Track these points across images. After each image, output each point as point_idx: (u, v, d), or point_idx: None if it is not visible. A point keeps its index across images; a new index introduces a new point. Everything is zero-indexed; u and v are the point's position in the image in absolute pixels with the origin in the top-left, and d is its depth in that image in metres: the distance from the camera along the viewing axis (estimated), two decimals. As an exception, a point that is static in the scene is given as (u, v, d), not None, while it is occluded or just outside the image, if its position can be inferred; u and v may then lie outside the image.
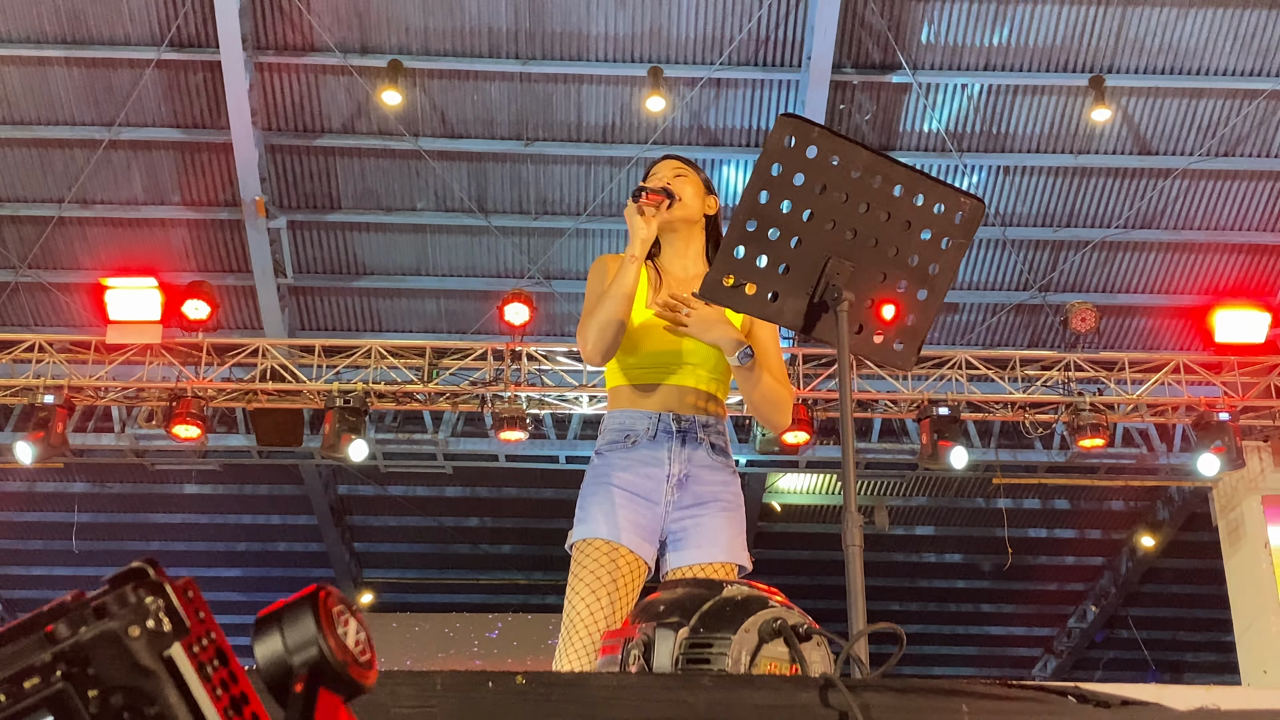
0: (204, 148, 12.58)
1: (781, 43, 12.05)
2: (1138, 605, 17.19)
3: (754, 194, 3.07)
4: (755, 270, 3.12)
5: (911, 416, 12.65)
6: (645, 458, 3.54)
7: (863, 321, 3.24)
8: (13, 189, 12.77)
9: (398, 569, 17.44)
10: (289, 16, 11.74)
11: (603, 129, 12.52)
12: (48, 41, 11.88)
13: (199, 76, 12.14)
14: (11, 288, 13.26)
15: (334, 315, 13.77)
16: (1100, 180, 12.82)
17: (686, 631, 1.94)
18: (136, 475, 14.88)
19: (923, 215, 3.20)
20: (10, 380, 12.19)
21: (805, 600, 10.57)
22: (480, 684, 1.79)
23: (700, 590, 2.04)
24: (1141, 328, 13.76)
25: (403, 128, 12.26)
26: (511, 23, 11.86)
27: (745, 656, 1.90)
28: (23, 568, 17.06)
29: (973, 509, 16.15)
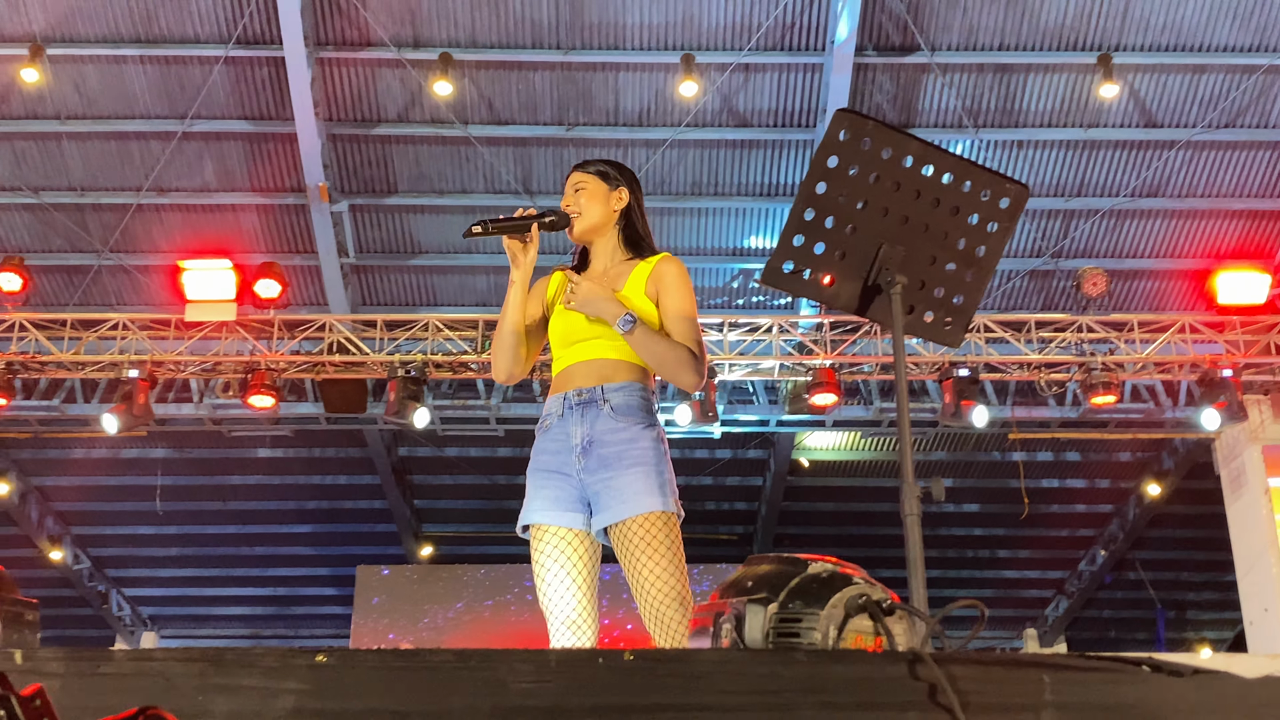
0: (270, 138, 12.57)
1: (806, 28, 11.93)
2: (1144, 549, 17.12)
3: (811, 185, 3.04)
4: (813, 257, 3.09)
5: (933, 378, 12.59)
6: (556, 436, 3.59)
7: (914, 302, 3.21)
8: (94, 179, 12.80)
9: (454, 524, 17.51)
10: (347, 14, 11.69)
11: (639, 113, 12.44)
12: (123, 41, 11.87)
13: (264, 71, 12.12)
14: (95, 271, 13.31)
15: (393, 291, 13.78)
16: (1109, 152, 12.67)
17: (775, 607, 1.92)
18: (214, 441, 14.94)
19: (970, 201, 3.16)
20: (96, 356, 12.25)
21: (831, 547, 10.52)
22: (591, 660, 1.79)
23: (786, 567, 2.02)
24: (1149, 290, 13.63)
25: (453, 116, 12.22)
26: (553, 15, 11.78)
27: (833, 631, 1.88)
28: (110, 528, 17.23)
29: (989, 462, 16.09)
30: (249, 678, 1.75)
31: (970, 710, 1.69)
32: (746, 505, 17.50)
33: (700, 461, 16.18)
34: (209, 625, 19.64)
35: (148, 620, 19.42)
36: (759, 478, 16.83)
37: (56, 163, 12.67)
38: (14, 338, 12.25)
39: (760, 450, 16.14)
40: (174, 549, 17.73)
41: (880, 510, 17.05)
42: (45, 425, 13.51)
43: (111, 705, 1.75)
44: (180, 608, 19.21)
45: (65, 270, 13.38)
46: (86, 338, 12.35)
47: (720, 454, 16.12)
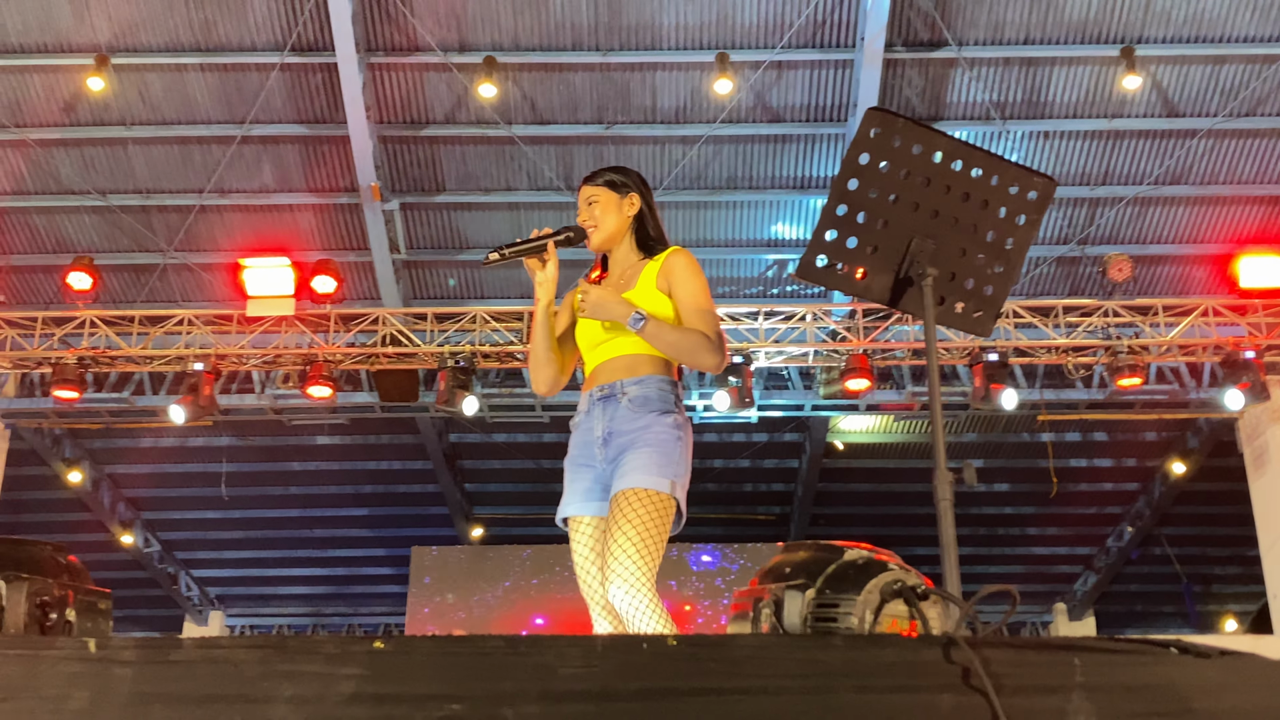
0: (324, 140, 12.61)
1: (837, 25, 11.85)
2: (1170, 525, 16.96)
3: (843, 182, 3.02)
4: (846, 251, 3.07)
5: (964, 362, 12.51)
6: (583, 430, 3.65)
7: (944, 294, 3.18)
8: (159, 182, 12.89)
9: (504, 506, 17.58)
10: (396, 21, 11.72)
11: (675, 111, 12.40)
12: (184, 50, 11.94)
13: (318, 77, 12.16)
14: (161, 269, 13.41)
15: (443, 285, 13.82)
16: (1132, 142, 12.52)
17: (813, 593, 1.91)
18: (275, 430, 15.05)
19: (998, 194, 3.13)
20: (163, 350, 12.36)
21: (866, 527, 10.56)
22: (636, 646, 1.78)
23: (823, 554, 2.01)
24: (1172, 275, 13.47)
25: (498, 117, 12.23)
26: (591, 18, 11.76)
27: (869, 615, 1.87)
28: (179, 513, 17.41)
29: (1019, 443, 15.96)
30: (311, 663, 1.76)
31: (1003, 692, 1.68)
32: (783, 486, 17.46)
33: (738, 445, 16.16)
34: (272, 604, 19.82)
35: (215, 600, 19.62)
36: (795, 460, 16.78)
37: (123, 167, 12.76)
38: (85, 334, 12.37)
39: (796, 434, 16.09)
40: (239, 532, 17.88)
41: (913, 490, 16.95)
42: (116, 416, 13.63)
43: (181, 692, 1.76)
44: (245, 588, 19.39)
45: (132, 269, 13.49)
46: (154, 333, 12.45)
47: (757, 437, 16.08)
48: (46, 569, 1.98)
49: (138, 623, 20.14)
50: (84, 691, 1.75)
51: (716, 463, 16.54)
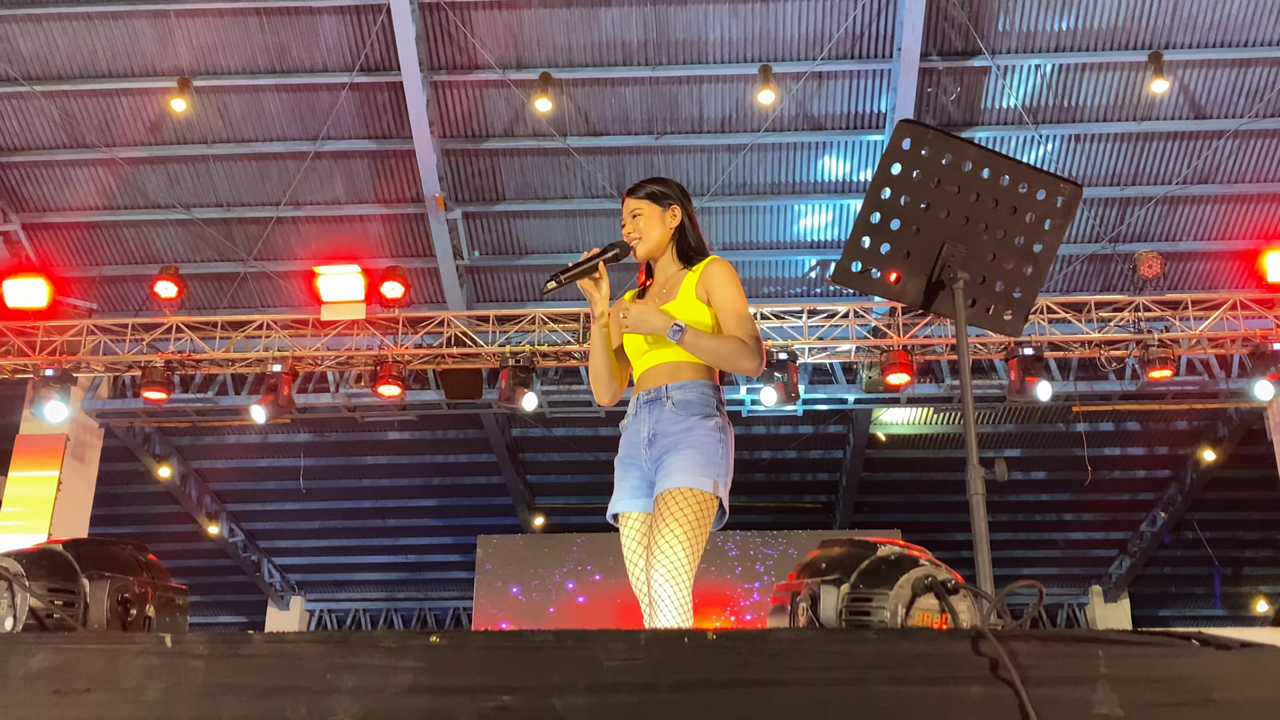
0: (391, 154, 12.70)
1: (874, 37, 11.77)
2: (1201, 510, 16.67)
3: (877, 191, 2.99)
4: (880, 256, 3.04)
5: (1000, 357, 12.38)
6: (631, 432, 3.66)
7: (975, 296, 3.15)
8: (238, 196, 13.05)
9: (563, 496, 17.61)
10: (457, 41, 11.78)
11: (721, 121, 12.37)
12: (260, 72, 12.07)
13: (385, 95, 12.25)
14: (241, 277, 13.57)
15: (504, 289, 13.87)
16: (1161, 143, 12.33)
17: (848, 588, 1.90)
18: (349, 426, 15.18)
19: (1027, 201, 3.09)
20: (244, 354, 12.50)
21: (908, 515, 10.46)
22: (678, 639, 1.77)
23: (857, 550, 1.99)
24: (1201, 271, 13.24)
25: (553, 129, 12.25)
26: (640, 35, 11.75)
27: (901, 609, 1.85)
28: (260, 504, 17.58)
29: (1054, 433, 15.78)
30: (371, 657, 1.77)
31: (1030, 683, 1.66)
32: (828, 476, 17.35)
33: (785, 437, 16.10)
34: (348, 590, 19.99)
35: (295, 586, 19.81)
36: (839, 451, 16.68)
37: (205, 182, 12.92)
38: (171, 339, 12.54)
39: (840, 425, 16.00)
40: (316, 522, 18.04)
41: (953, 480, 16.63)
42: (201, 415, 13.81)
43: (250, 683, 1.78)
44: (323, 574, 19.57)
45: (215, 277, 13.65)
46: (235, 337, 12.60)
47: (803, 430, 16.01)
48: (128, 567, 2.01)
49: (224, 608, 20.41)
50: (160, 683, 1.77)
51: (764, 454, 16.48)
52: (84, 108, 12.28)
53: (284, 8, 11.60)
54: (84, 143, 12.47)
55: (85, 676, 1.77)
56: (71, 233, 13.26)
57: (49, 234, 13.24)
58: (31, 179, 12.82)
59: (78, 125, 12.34)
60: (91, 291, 13.55)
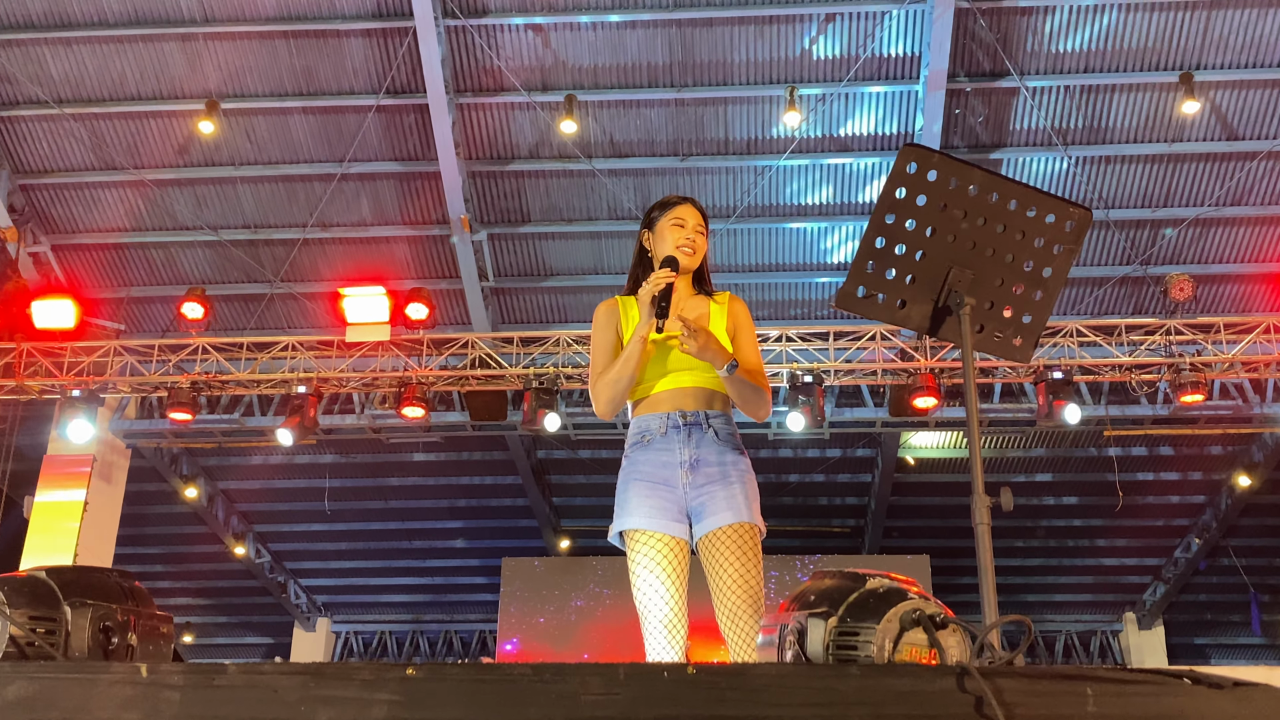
0: (417, 176, 12.76)
1: (901, 58, 11.75)
2: (1237, 537, 16.45)
3: (881, 215, 2.97)
4: (885, 282, 3.02)
5: (1029, 380, 12.28)
6: (659, 450, 3.54)
7: (983, 322, 3.11)
8: (265, 217, 13.14)
9: (589, 519, 17.57)
10: (482, 64, 11.85)
11: (747, 143, 12.37)
12: (287, 94, 12.18)
13: (411, 117, 12.33)
14: (268, 298, 13.65)
15: (528, 310, 13.89)
16: (1192, 164, 12.23)
17: (835, 621, 1.87)
18: (375, 447, 15.22)
19: (1035, 225, 3.05)
20: (269, 375, 12.56)
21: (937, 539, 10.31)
22: (657, 673, 1.75)
23: (846, 582, 1.96)
24: (1235, 293, 13.10)
25: (579, 151, 12.28)
26: (666, 57, 11.78)
27: (888, 644, 1.82)
28: (286, 525, 17.65)
29: (1086, 457, 15.63)
30: (347, 689, 1.76)
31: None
32: (857, 500, 17.26)
33: (813, 460, 16.02)
34: (375, 611, 20.02)
35: (322, 607, 19.86)
36: (868, 474, 16.58)
37: (232, 203, 13.03)
38: (198, 360, 12.63)
39: (868, 449, 15.91)
40: (343, 544, 18.09)
41: (983, 503, 16.64)
42: (228, 436, 13.88)
43: (225, 714, 1.77)
44: (350, 596, 19.61)
45: (242, 298, 13.75)
46: (260, 358, 12.66)
47: (831, 453, 15.93)
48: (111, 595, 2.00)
49: (251, 629, 20.48)
50: (135, 714, 1.76)
51: (793, 477, 16.41)
52: (113, 130, 12.42)
53: (311, 30, 11.70)
54: (113, 165, 12.61)
55: (61, 706, 1.77)
56: (100, 254, 13.40)
57: (78, 255, 13.39)
58: (61, 200, 12.97)
59: (107, 147, 12.48)
60: (120, 312, 13.67)
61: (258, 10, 11.61)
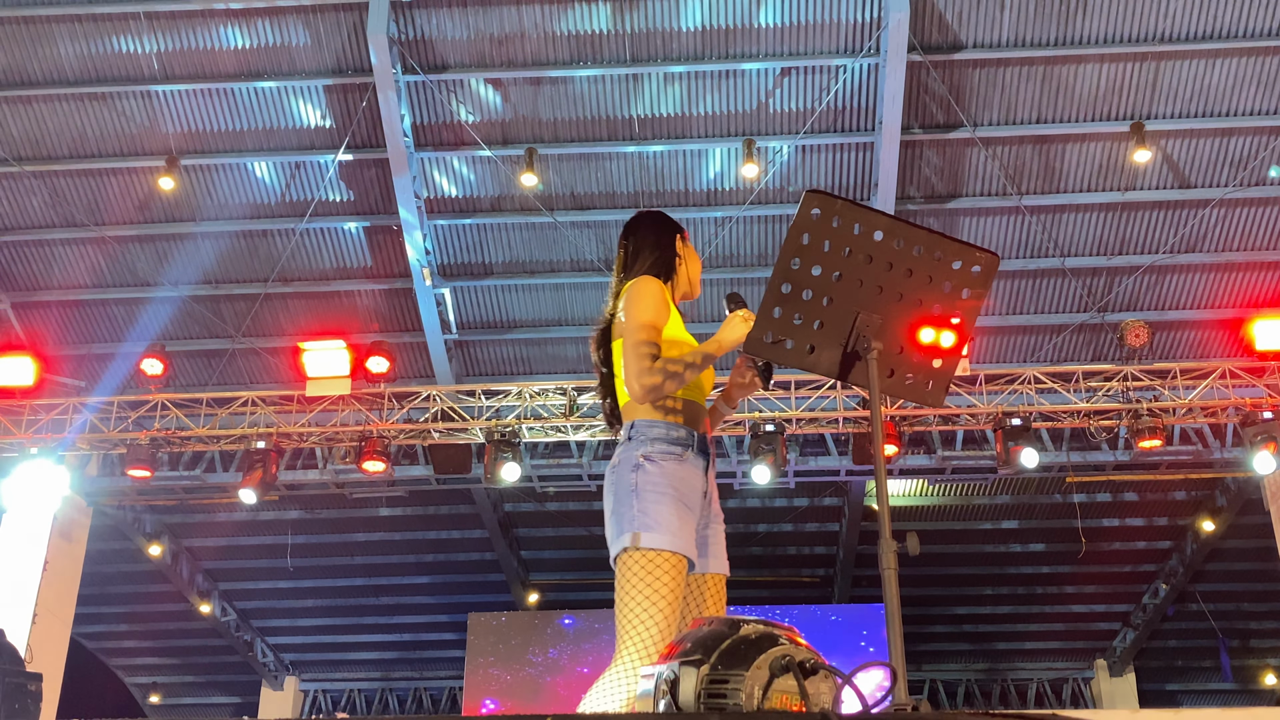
0: (379, 230, 12.77)
1: (857, 111, 11.86)
2: (1204, 582, 16.46)
3: (786, 261, 2.96)
4: (792, 327, 3.01)
5: (989, 427, 12.29)
6: (691, 472, 3.29)
7: (894, 366, 3.10)
8: (227, 272, 13.11)
9: (558, 572, 17.45)
10: (443, 119, 11.90)
11: (707, 194, 12.44)
12: (247, 151, 12.19)
13: (372, 172, 12.36)
14: (229, 354, 13.60)
15: (492, 362, 13.85)
16: (1146, 213, 12.36)
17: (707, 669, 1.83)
18: (339, 502, 15.09)
19: (942, 270, 3.05)
20: (229, 430, 12.46)
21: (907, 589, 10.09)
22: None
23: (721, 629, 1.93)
24: (1191, 339, 13.19)
25: (540, 204, 12.32)
26: (626, 111, 11.86)
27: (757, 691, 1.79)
28: (251, 582, 17.44)
29: (1051, 504, 15.64)
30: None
31: (874, 769, 1.59)
32: (826, 549, 17.18)
33: (780, 510, 15.98)
34: (344, 669, 19.75)
35: (289, 666, 19.57)
36: (836, 523, 16.53)
37: (193, 259, 12.99)
38: (157, 416, 12.52)
39: (835, 498, 15.88)
40: (310, 600, 17.88)
41: (952, 552, 16.64)
42: (189, 493, 13.76)
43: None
44: (318, 654, 19.35)
45: (203, 354, 13.68)
46: (220, 414, 12.57)
47: (798, 502, 15.90)
48: (-26, 652, 1.95)
49: (218, 688, 20.18)
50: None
51: (760, 527, 16.35)
52: (73, 187, 12.40)
53: (271, 88, 11.73)
54: (73, 222, 12.58)
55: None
56: (61, 311, 13.34)
57: (38, 312, 13.31)
58: (21, 258, 12.92)
59: (67, 204, 12.45)
60: (82, 369, 13.58)
61: (217, 67, 11.65)
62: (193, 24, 11.39)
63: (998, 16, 11.22)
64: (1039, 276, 12.89)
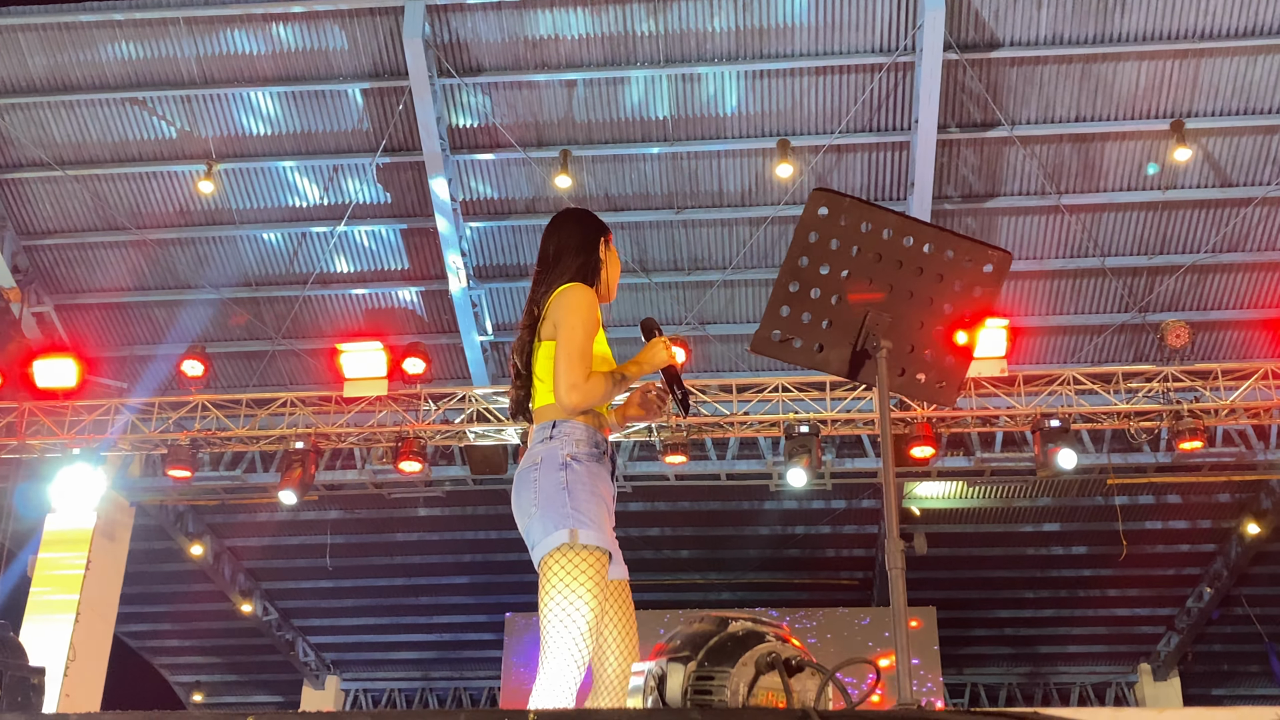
0: (416, 233, 12.83)
1: (892, 110, 11.80)
2: (1249, 585, 16.21)
3: (794, 260, 2.96)
4: (801, 326, 3.00)
5: (1028, 428, 12.18)
6: (606, 474, 3.36)
7: (905, 365, 3.09)
8: (266, 274, 13.22)
9: (596, 573, 17.42)
10: (478, 123, 11.95)
11: (741, 194, 12.41)
12: (286, 154, 12.30)
13: (408, 175, 12.42)
14: (270, 355, 13.71)
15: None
16: (1187, 211, 12.19)
17: (694, 666, 1.84)
18: (377, 503, 15.15)
19: (953, 267, 3.04)
20: (268, 430, 12.57)
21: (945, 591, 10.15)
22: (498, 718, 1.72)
23: (709, 627, 1.94)
24: (1233, 340, 13.00)
25: (574, 205, 12.32)
26: (659, 112, 11.86)
27: (743, 688, 1.79)
28: (293, 582, 17.59)
29: (1093, 506, 15.47)
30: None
31: (853, 766, 1.59)
32: (864, 552, 17.08)
33: (817, 512, 15.91)
34: (384, 669, 19.87)
35: (330, 665, 19.74)
36: (874, 525, 16.43)
37: (233, 261, 13.12)
38: (198, 417, 12.66)
39: (873, 500, 15.78)
40: (350, 600, 18.00)
41: (991, 555, 16.52)
42: (230, 493, 13.89)
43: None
44: (359, 653, 19.49)
45: (244, 356, 13.81)
46: (259, 415, 12.69)
47: (835, 504, 15.82)
48: (-21, 646, 1.99)
49: (260, 687, 20.37)
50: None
51: (798, 529, 16.30)
52: (115, 190, 12.57)
53: (309, 91, 11.84)
54: (115, 225, 12.74)
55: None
56: (103, 313, 13.51)
57: (81, 314, 13.50)
58: (64, 261, 13.11)
59: (109, 208, 12.63)
60: (122, 371, 13.75)
61: (256, 72, 11.77)
62: (231, 29, 11.51)
63: (1035, 14, 11.12)
64: (1079, 276, 12.76)
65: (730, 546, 16.76)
